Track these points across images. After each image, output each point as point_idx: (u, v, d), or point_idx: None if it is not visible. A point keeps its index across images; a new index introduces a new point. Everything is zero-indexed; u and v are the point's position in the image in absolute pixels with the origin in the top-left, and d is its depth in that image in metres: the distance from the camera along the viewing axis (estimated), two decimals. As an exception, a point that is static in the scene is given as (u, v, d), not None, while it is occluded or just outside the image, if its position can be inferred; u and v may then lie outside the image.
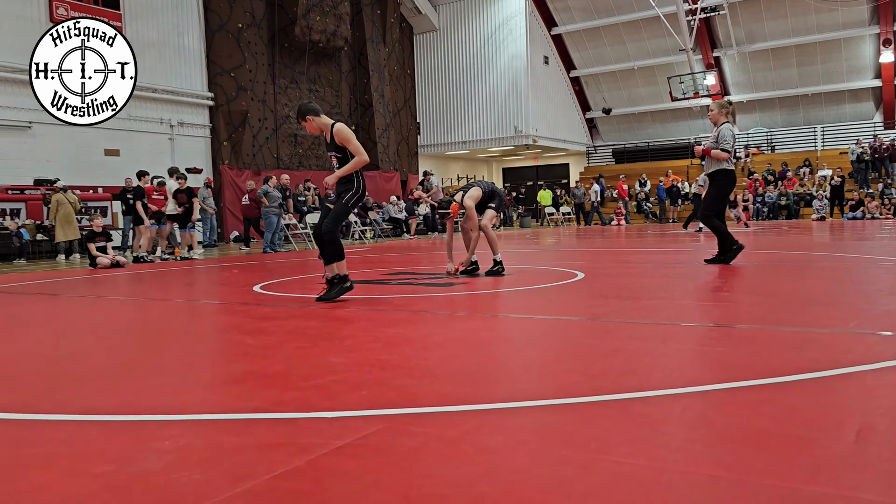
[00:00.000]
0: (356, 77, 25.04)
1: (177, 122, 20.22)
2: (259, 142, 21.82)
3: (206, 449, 2.06)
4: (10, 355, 3.77)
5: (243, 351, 3.55)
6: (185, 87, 20.43)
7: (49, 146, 17.14)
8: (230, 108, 21.12)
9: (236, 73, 21.07)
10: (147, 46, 19.40)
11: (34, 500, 1.72)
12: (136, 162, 18.47)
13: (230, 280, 8.12)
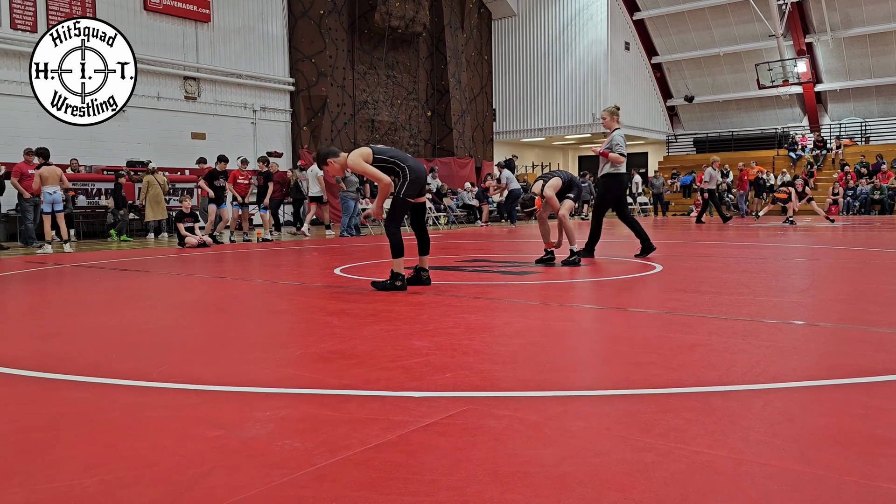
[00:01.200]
0: (433, 63, 25.19)
1: (259, 107, 20.84)
2: (337, 127, 22.26)
3: (303, 420, 2.21)
4: (116, 328, 4.06)
5: (330, 331, 3.73)
6: (267, 73, 21.02)
7: (141, 129, 17.98)
8: (310, 93, 21.62)
9: (317, 59, 21.53)
10: (233, 33, 20.07)
11: (155, 458, 1.90)
12: (221, 145, 19.20)
13: (311, 262, 8.41)
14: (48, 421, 2.24)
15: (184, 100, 19.09)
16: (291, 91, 21.64)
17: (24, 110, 15.86)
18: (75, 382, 2.71)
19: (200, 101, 19.48)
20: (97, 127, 17.14)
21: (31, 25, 16.06)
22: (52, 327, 4.11)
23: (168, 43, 18.58)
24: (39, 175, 11.38)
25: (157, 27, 18.32)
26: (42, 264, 8.51)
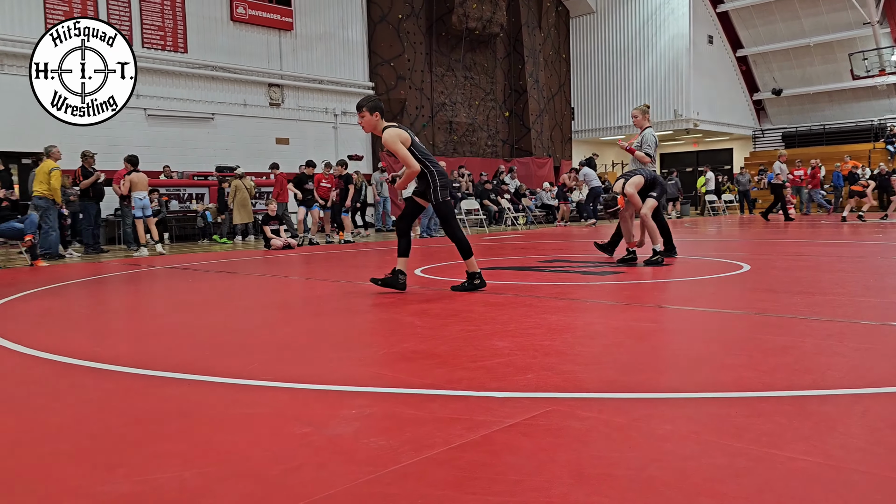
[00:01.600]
0: (511, 63, 25.12)
1: (340, 111, 21.30)
2: (416, 129, 22.50)
3: (387, 419, 2.25)
4: (209, 327, 4.24)
5: (411, 331, 3.77)
6: (348, 78, 21.46)
7: (228, 136, 18.68)
8: (389, 96, 21.93)
9: (396, 63, 21.83)
10: (314, 40, 20.59)
11: (248, 453, 1.97)
12: (304, 149, 19.72)
13: (392, 263, 8.53)
14: (150, 416, 2.36)
15: (268, 106, 19.72)
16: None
17: (121, 120, 16.73)
18: (173, 379, 2.84)
19: (284, 106, 20.08)
20: (188, 134, 17.94)
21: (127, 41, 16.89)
22: (149, 327, 4.33)
23: (253, 52, 19.23)
24: (130, 181, 12.05)
25: (242, 37, 19.00)
26: (137, 266, 8.96)
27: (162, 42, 17.49)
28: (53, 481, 1.82)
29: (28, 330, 4.22)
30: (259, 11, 19.20)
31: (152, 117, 17.31)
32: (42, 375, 3.08)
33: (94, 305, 5.83)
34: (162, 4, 17.44)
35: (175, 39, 17.72)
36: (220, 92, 18.61)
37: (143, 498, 1.68)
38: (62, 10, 15.82)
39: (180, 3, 17.75)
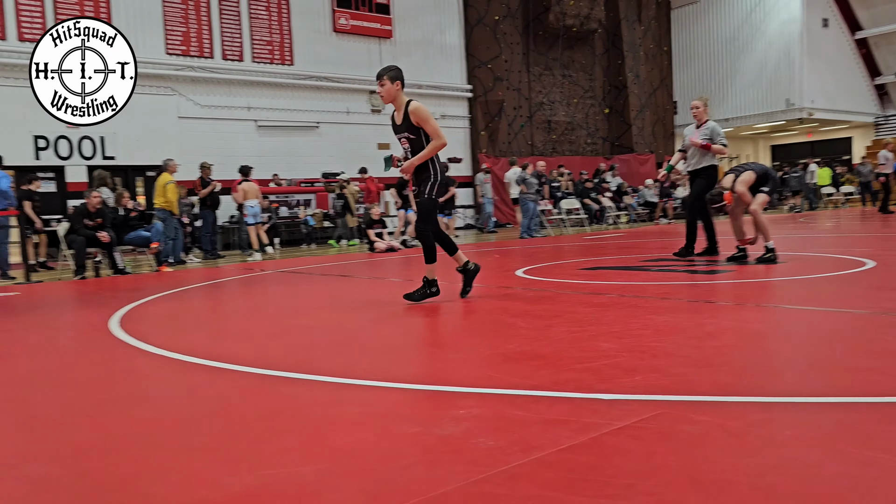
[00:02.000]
0: (610, 59, 24.63)
1: (439, 115, 21.54)
2: (514, 130, 22.45)
3: (496, 420, 2.26)
4: (320, 328, 4.40)
5: (515, 332, 3.78)
6: (446, 82, 21.69)
7: (332, 143, 19.29)
8: (487, 98, 21.99)
9: (493, 65, 21.86)
10: (413, 46, 20.93)
11: (361, 451, 2.04)
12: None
13: (493, 265, 8.56)
14: (267, 413, 2.48)
15: (370, 112, 20.22)
16: (469, 97, 22.15)
17: (234, 132, 17.63)
18: (288, 378, 2.97)
19: (385, 112, 20.52)
20: (295, 143, 18.66)
21: (238, 55, 17.79)
22: (264, 328, 4.55)
23: (355, 61, 19.77)
24: (243, 190, 12.73)
25: (345, 47, 19.57)
26: (251, 270, 9.41)
27: (270, 56, 18.28)
28: (185, 472, 1.95)
29: (156, 331, 4.52)
30: (360, 21, 19.73)
31: (262, 128, 18.11)
32: (170, 374, 3.30)
33: (214, 308, 6.18)
34: (269, 20, 18.23)
35: (282, 52, 18.47)
36: (325, 101, 19.25)
37: (266, 491, 1.77)
38: (181, 30, 16.84)
39: (286, 17, 18.49)
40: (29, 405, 2.83)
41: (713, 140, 7.30)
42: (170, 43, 16.74)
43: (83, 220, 9.66)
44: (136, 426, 2.42)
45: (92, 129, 15.63)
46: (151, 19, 16.48)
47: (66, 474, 1.99)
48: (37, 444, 2.28)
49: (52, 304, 6.77)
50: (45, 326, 5.21)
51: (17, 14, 14.90)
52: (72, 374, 3.41)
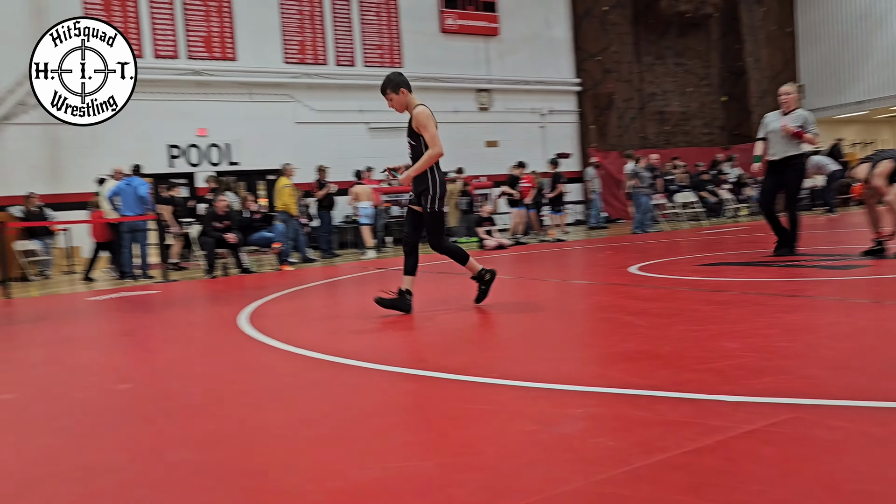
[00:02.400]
0: (726, 44, 23.54)
1: (547, 110, 21.36)
2: (625, 122, 21.91)
3: (615, 419, 2.24)
4: (436, 326, 4.48)
5: (632, 331, 3.70)
6: (554, 77, 21.46)
7: (442, 141, 19.50)
8: (597, 91, 21.58)
9: (602, 57, 21.43)
10: (520, 42, 20.85)
11: (481, 448, 2.07)
12: (513, 150, 20.03)
13: (605, 261, 8.41)
14: (390, 408, 2.57)
15: (478, 111, 20.32)
16: (578, 91, 21.82)
17: (348, 134, 18.21)
18: (407, 374, 3.06)
19: (492, 110, 20.58)
20: (404, 143, 18.93)
21: (351, 60, 18.33)
22: (381, 324, 4.68)
23: (462, 60, 19.93)
24: (355, 192, 13.20)
25: (452, 47, 19.77)
26: (365, 269, 9.70)
27: (381, 59, 18.75)
28: (316, 463, 2.05)
29: (281, 327, 4.75)
30: (467, 21, 19.87)
31: (373, 130, 18.60)
32: (295, 368, 3.47)
33: (332, 305, 6.42)
34: (379, 25, 18.70)
35: (392, 55, 18.89)
36: (433, 101, 19.32)
37: (391, 483, 1.84)
38: (297, 40, 17.58)
39: (395, 21, 18.90)
40: (170, 395, 3.05)
41: (805, 129, 6.88)
42: (287, 52, 17.50)
43: (212, 222, 10.28)
44: (269, 417, 2.57)
45: (218, 137, 16.61)
46: (271, 31, 17.29)
47: (205, 460, 2.14)
48: (179, 431, 2.46)
49: (187, 302, 7.26)
50: (182, 322, 5.60)
51: (153, 33, 16.03)
52: (207, 368, 3.66)
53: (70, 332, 5.41)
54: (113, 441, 2.41)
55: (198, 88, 16.53)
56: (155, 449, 2.28)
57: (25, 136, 14.99)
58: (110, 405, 2.95)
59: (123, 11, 15.74)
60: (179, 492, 1.89)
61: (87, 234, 12.85)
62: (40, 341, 4.99)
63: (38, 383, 3.51)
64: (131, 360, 3.99)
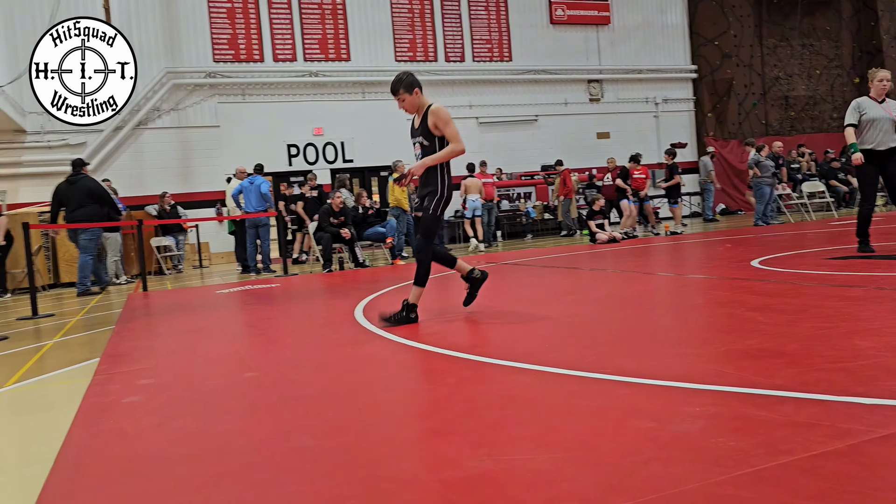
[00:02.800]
0: (860, 22, 21.94)
1: (661, 99, 20.69)
2: (745, 109, 20.90)
3: (736, 419, 2.15)
4: (546, 319, 4.46)
5: (754, 327, 3.54)
6: (668, 64, 20.75)
7: (551, 135, 19.33)
8: (714, 77, 20.70)
9: (720, 41, 20.52)
10: (632, 31, 20.30)
11: (594, 444, 2.05)
12: (625, 142, 19.55)
13: (724, 254, 8.06)
14: (502, 401, 2.59)
15: (588, 102, 19.98)
16: (694, 78, 21.01)
17: (459, 129, 18.35)
18: (518, 368, 3.07)
19: (604, 101, 20.16)
20: (514, 137, 18.99)
21: (460, 56, 18.48)
22: (491, 318, 4.71)
23: (572, 50, 19.65)
24: (465, 185, 13.32)
25: (562, 38, 19.52)
26: (475, 263, 9.76)
27: (490, 54, 18.78)
28: (429, 453, 2.10)
29: (394, 321, 4.86)
30: (577, 11, 19.56)
31: (483, 124, 18.67)
32: (409, 360, 3.55)
33: (443, 299, 6.50)
34: (489, 19, 18.73)
35: (500, 49, 18.88)
36: (542, 94, 19.36)
37: (504, 476, 1.86)
38: (407, 38, 17.89)
39: (504, 15, 18.87)
40: (292, 384, 3.21)
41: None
42: (398, 51, 17.86)
43: (329, 218, 10.67)
44: (385, 407, 2.65)
45: (333, 135, 17.18)
46: (382, 31, 17.71)
47: (326, 447, 2.23)
48: (300, 419, 2.58)
49: (306, 295, 7.57)
50: (302, 314, 5.85)
51: (272, 38, 16.79)
52: (326, 358, 3.81)
53: (201, 322, 5.78)
54: (241, 426, 2.57)
55: (314, 89, 17.18)
56: (279, 434, 2.40)
57: (159, 140, 16.11)
58: (238, 392, 3.14)
59: (245, 19, 16.57)
60: (302, 476, 1.99)
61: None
62: (175, 331, 5.37)
63: (173, 370, 3.78)
64: (256, 350, 4.22)
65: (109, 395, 3.25)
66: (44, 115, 14.95)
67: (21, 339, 5.84)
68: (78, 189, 9.83)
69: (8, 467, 2.49)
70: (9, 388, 3.79)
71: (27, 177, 14.89)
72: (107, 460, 2.31)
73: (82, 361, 4.38)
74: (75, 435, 2.64)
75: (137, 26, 15.83)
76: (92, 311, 7.77)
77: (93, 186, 10.05)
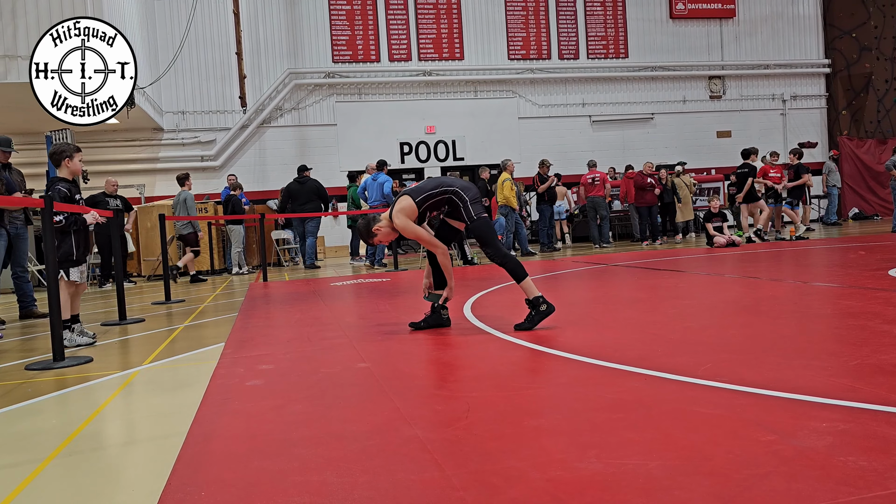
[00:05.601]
0: None
1: (789, 95, 19.57)
2: (885, 106, 19.43)
3: (868, 438, 2.02)
4: (658, 324, 4.34)
5: (890, 341, 3.30)
6: (798, 58, 19.60)
7: (668, 133, 18.71)
8: (850, 72, 19.37)
9: (858, 33, 19.17)
10: (759, 23, 19.31)
11: (710, 453, 1.98)
12: (748, 141, 18.61)
13: (857, 262, 7.54)
14: (612, 404, 2.54)
15: (708, 99, 19.19)
16: (827, 73, 19.75)
17: (569, 128, 18.13)
18: (629, 372, 3.00)
19: (725, 98, 19.31)
20: (628, 135, 18.52)
21: (574, 53, 18.22)
22: (602, 319, 4.63)
23: (692, 45, 18.94)
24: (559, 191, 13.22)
25: (681, 33, 18.86)
26: (591, 263, 9.61)
27: (605, 50, 18.41)
28: (538, 451, 2.10)
29: (503, 318, 4.88)
30: (699, 4, 18.84)
31: (596, 123, 18.33)
32: (518, 358, 3.55)
33: (552, 299, 6.45)
34: (605, 15, 18.36)
35: (616, 46, 18.47)
36: (659, 91, 18.78)
37: (615, 479, 1.83)
38: (521, 35, 17.83)
39: (622, 10, 18.43)
40: (403, 376, 3.29)
41: None
42: (512, 49, 17.83)
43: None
44: (494, 404, 2.67)
45: (445, 133, 17.38)
46: (496, 28, 17.73)
47: (435, 438, 2.28)
48: (411, 410, 2.64)
49: (414, 290, 7.72)
50: (412, 309, 5.97)
51: (389, 39, 17.19)
52: (436, 352, 3.88)
53: (316, 313, 6.01)
54: (355, 413, 2.66)
55: (427, 88, 17.45)
56: (390, 424, 2.47)
57: (280, 137, 16.87)
58: (351, 380, 3.25)
59: (364, 20, 17.05)
60: (412, 465, 2.04)
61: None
62: (292, 320, 5.62)
63: (291, 357, 3.96)
64: (368, 342, 4.35)
65: (234, 378, 3.45)
66: (178, 114, 16.03)
67: (156, 322, 6.29)
68: (307, 188, 12.75)
69: (146, 438, 2.69)
70: (146, 366, 4.10)
71: (163, 171, 15.98)
72: (232, 438, 2.45)
73: (210, 345, 4.67)
74: (204, 413, 2.82)
75: (264, 29, 16.63)
76: (218, 298, 8.25)
77: (317, 186, 12.82)
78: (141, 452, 2.52)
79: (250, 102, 16.19)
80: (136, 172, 15.63)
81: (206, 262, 12.86)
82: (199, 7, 15.82)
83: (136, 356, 4.57)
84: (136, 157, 15.90)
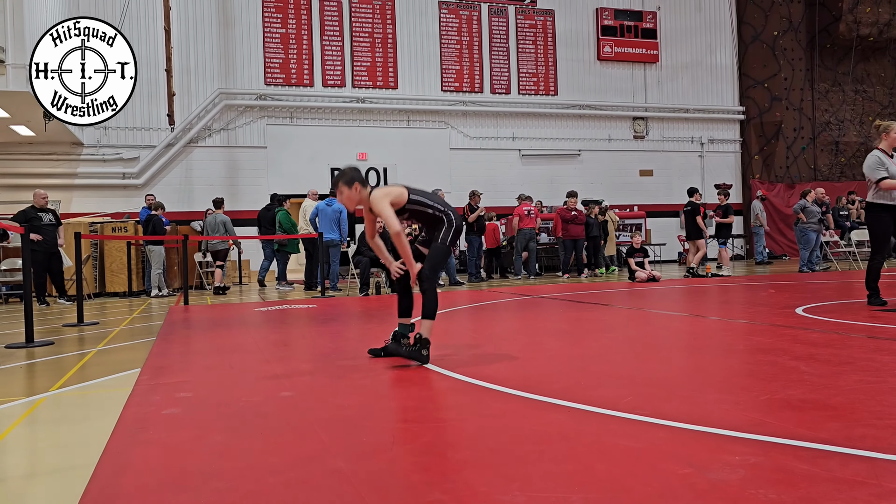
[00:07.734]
0: (915, 70, 21.57)
1: (707, 139, 20.53)
2: (794, 153, 20.62)
3: (777, 471, 2.10)
4: (581, 357, 4.43)
5: (797, 377, 3.46)
6: (715, 104, 20.62)
7: (594, 170, 19.29)
8: (762, 119, 20.49)
9: (770, 84, 20.34)
10: (680, 70, 20.25)
11: (629, 486, 2.02)
12: (668, 181, 19.42)
13: (767, 300, 7.91)
14: (536, 436, 2.57)
15: (632, 139, 19.92)
16: (741, 120, 20.83)
17: (500, 161, 18.45)
18: (553, 405, 3.04)
19: (648, 138, 20.09)
20: (556, 170, 18.98)
21: (506, 88, 18.62)
22: (526, 352, 4.69)
23: (618, 87, 19.67)
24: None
25: (609, 74, 19.57)
26: (516, 295, 9.73)
27: (535, 87, 18.90)
28: (461, 484, 2.09)
29: (431, 349, 4.87)
30: (625, 48, 19.62)
31: (526, 156, 18.73)
32: (443, 390, 3.55)
33: (479, 330, 6.50)
34: (536, 53, 18.89)
35: (546, 83, 19.00)
36: (586, 129, 19.38)
37: (537, 513, 1.84)
38: (454, 69, 18.11)
39: (552, 48, 19.01)
40: (328, 407, 3.23)
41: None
42: (445, 81, 18.09)
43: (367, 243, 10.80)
44: (421, 436, 2.65)
45: (377, 161, 17.40)
46: (430, 60, 17.98)
47: (359, 470, 2.24)
48: (336, 441, 2.60)
49: (342, 317, 7.64)
50: (338, 337, 5.90)
51: (323, 64, 17.17)
52: (361, 382, 3.83)
53: (239, 339, 5.86)
54: (277, 444, 2.59)
55: (360, 115, 17.48)
56: (314, 456, 2.42)
57: (208, 157, 16.52)
58: (274, 410, 3.17)
59: (298, 45, 16.98)
60: (336, 498, 2.00)
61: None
62: (213, 346, 5.45)
63: (210, 385, 3.84)
64: (292, 370, 4.26)
65: (149, 406, 3.31)
66: (101, 129, 15.50)
67: (66, 345, 6.00)
68: (271, 215, 13.33)
69: (49, 470, 2.55)
70: (52, 392, 3.89)
71: (81, 188, 15.36)
72: (146, 470, 2.35)
73: (124, 371, 4.47)
74: (115, 443, 2.70)
75: (195, 48, 16.34)
76: (134, 321, 7.93)
77: (280, 217, 13.23)
78: (43, 486, 2.38)
79: (178, 121, 15.81)
80: (52, 188, 14.96)
81: (124, 284, 12.39)
82: (128, 21, 15.43)
83: (43, 381, 4.33)
84: (52, 171, 15.24)
